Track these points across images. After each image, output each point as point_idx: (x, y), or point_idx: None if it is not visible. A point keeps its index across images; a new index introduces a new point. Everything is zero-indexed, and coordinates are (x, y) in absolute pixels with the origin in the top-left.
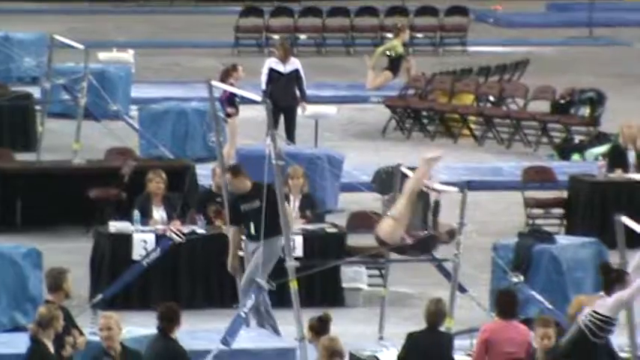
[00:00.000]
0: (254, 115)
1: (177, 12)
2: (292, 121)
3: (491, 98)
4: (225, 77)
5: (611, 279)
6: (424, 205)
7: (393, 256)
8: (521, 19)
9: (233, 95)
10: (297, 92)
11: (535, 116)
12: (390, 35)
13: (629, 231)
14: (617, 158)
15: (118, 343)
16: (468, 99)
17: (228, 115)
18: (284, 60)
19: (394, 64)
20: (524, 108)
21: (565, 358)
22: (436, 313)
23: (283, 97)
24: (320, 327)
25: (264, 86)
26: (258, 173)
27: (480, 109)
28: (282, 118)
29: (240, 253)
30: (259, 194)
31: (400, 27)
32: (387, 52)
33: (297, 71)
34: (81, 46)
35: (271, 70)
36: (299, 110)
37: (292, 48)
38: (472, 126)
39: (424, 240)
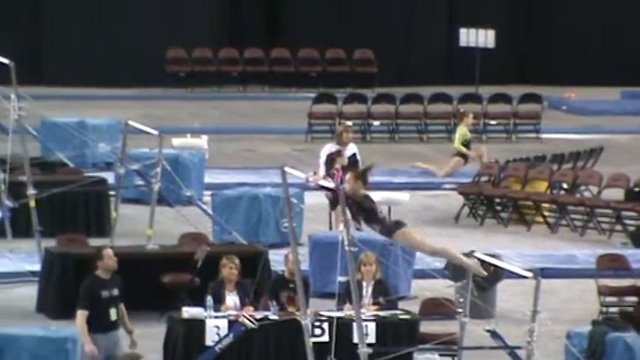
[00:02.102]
0: (323, 200)
1: (250, 98)
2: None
3: (565, 186)
4: (330, 164)
5: None
6: None
7: (467, 343)
8: (595, 106)
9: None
10: None
11: (609, 204)
12: None
13: None
14: None
15: None
16: (542, 186)
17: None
18: (344, 145)
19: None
20: (598, 196)
21: None
22: None
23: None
24: None
25: (322, 172)
26: (330, 259)
27: (553, 196)
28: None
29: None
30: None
31: (463, 112)
32: (464, 141)
33: (355, 155)
34: (155, 132)
35: (331, 155)
36: None
37: (365, 134)
38: (545, 213)
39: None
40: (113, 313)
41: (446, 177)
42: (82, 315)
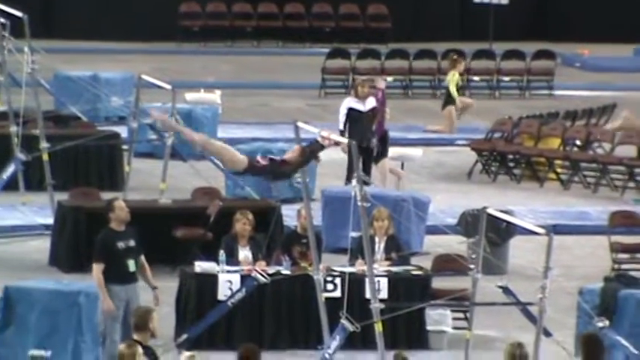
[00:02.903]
0: (336, 156)
1: (263, 53)
2: (371, 159)
3: (578, 142)
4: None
5: None
6: None
7: (479, 299)
8: (609, 63)
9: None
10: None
11: (622, 161)
12: (476, 78)
13: None
14: None
15: None
16: (555, 143)
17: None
18: (362, 99)
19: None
20: (611, 152)
21: None
22: (519, 357)
23: (365, 135)
24: None
25: (341, 126)
26: (343, 214)
27: (566, 153)
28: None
29: None
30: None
31: (456, 58)
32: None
33: (374, 109)
34: (168, 87)
35: (350, 110)
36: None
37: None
38: (558, 170)
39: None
40: (131, 265)
41: (455, 133)
42: (98, 268)
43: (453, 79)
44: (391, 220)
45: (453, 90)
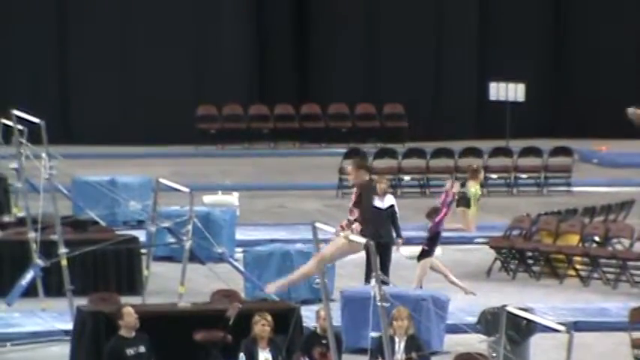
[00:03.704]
0: (355, 256)
1: (280, 154)
2: (389, 258)
3: (597, 239)
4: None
5: None
6: None
7: None
8: (626, 159)
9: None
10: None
11: None
12: (494, 176)
13: None
14: None
15: None
16: (574, 239)
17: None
18: (382, 196)
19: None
20: (630, 248)
21: None
22: None
23: (383, 233)
24: None
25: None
26: (362, 314)
27: (585, 249)
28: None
29: None
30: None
31: (475, 168)
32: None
33: (392, 207)
34: (186, 190)
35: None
36: (394, 248)
37: (396, 189)
38: (578, 267)
39: None
40: None
41: (475, 231)
42: None
43: (475, 195)
44: (411, 319)
45: (473, 204)
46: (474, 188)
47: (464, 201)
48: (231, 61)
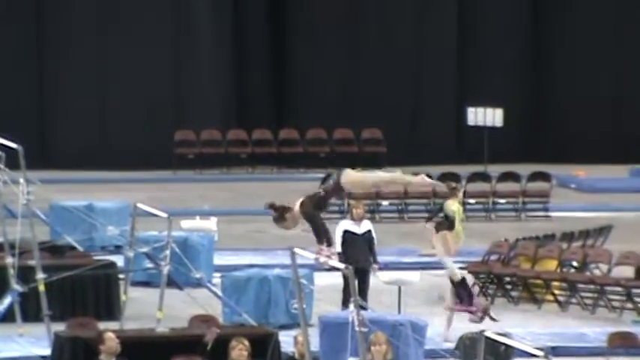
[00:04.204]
0: (333, 281)
1: (258, 179)
2: (367, 283)
3: (575, 264)
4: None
5: None
6: None
7: None
8: (604, 184)
9: None
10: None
11: (619, 282)
12: (472, 201)
13: None
14: None
15: None
16: (552, 265)
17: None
18: (359, 221)
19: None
20: (608, 273)
21: None
22: None
23: (360, 258)
24: None
25: (338, 248)
26: (341, 340)
27: (563, 274)
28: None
29: None
30: None
31: (454, 187)
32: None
33: (370, 232)
34: (164, 215)
35: (346, 232)
36: (372, 273)
37: (374, 214)
38: (556, 292)
39: None
40: None
41: (455, 255)
42: None
43: (458, 212)
44: (389, 344)
45: (457, 223)
46: (454, 206)
47: (444, 224)
48: (209, 86)
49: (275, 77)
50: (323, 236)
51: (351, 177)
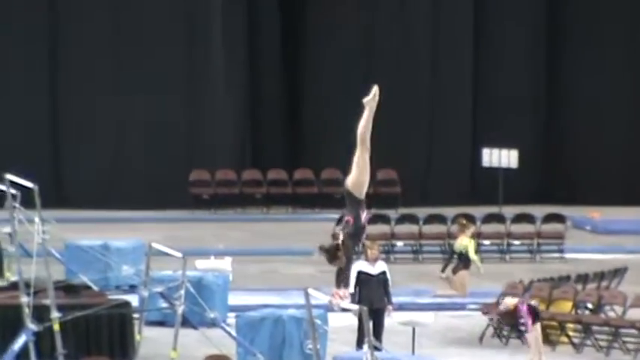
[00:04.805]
0: (347, 321)
1: (273, 219)
2: (382, 324)
3: (590, 306)
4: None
5: None
6: None
7: None
8: (619, 226)
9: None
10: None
11: (634, 324)
12: (487, 242)
13: None
14: None
15: None
16: (566, 306)
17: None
18: (373, 262)
19: (468, 261)
20: (623, 316)
21: None
22: None
23: (375, 299)
24: None
25: (352, 289)
26: None
27: (578, 316)
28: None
29: None
30: None
31: (464, 223)
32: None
33: (384, 273)
34: (179, 254)
35: (360, 273)
36: (386, 314)
37: (388, 254)
38: (570, 333)
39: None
40: None
41: (466, 297)
42: None
43: (470, 244)
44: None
45: (472, 255)
46: (464, 241)
47: (459, 265)
48: (225, 127)
49: (290, 118)
50: (343, 280)
51: (349, 178)
